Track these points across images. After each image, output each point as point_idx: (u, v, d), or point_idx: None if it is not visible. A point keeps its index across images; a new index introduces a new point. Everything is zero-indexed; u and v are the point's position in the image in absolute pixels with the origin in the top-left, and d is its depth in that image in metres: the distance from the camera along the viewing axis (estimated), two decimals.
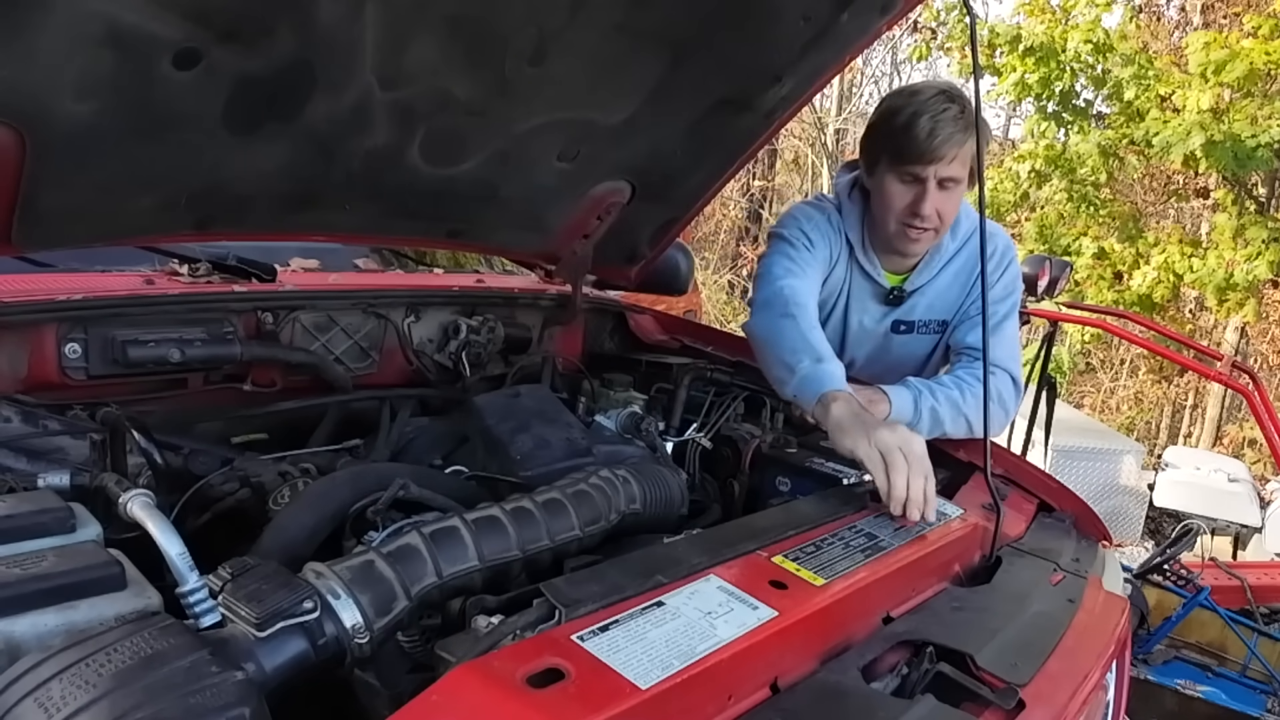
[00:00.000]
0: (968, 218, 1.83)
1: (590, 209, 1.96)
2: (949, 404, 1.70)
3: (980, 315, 1.76)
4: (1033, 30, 7.14)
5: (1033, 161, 7.46)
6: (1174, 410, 10.49)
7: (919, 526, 1.30)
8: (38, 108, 1.06)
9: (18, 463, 1.18)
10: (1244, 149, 6.35)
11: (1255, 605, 3.11)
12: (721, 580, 1.00)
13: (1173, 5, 9.31)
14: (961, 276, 1.86)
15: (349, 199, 1.58)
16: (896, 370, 1.90)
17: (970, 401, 1.71)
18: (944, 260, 1.85)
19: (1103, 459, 5.44)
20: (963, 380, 1.74)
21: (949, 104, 1.64)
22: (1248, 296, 6.96)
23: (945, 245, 1.82)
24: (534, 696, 0.74)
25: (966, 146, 1.65)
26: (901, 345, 1.94)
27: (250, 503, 1.31)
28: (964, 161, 1.68)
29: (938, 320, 1.91)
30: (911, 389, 1.71)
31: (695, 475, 1.71)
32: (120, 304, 1.46)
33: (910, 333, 1.93)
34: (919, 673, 1.04)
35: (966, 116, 1.63)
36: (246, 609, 0.81)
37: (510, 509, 1.14)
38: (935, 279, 1.87)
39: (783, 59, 1.69)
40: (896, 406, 1.67)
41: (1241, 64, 6.33)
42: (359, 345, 1.81)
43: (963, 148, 1.65)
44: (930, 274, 1.85)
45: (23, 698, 0.67)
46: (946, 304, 1.88)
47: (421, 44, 1.29)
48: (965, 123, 1.63)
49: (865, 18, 1.65)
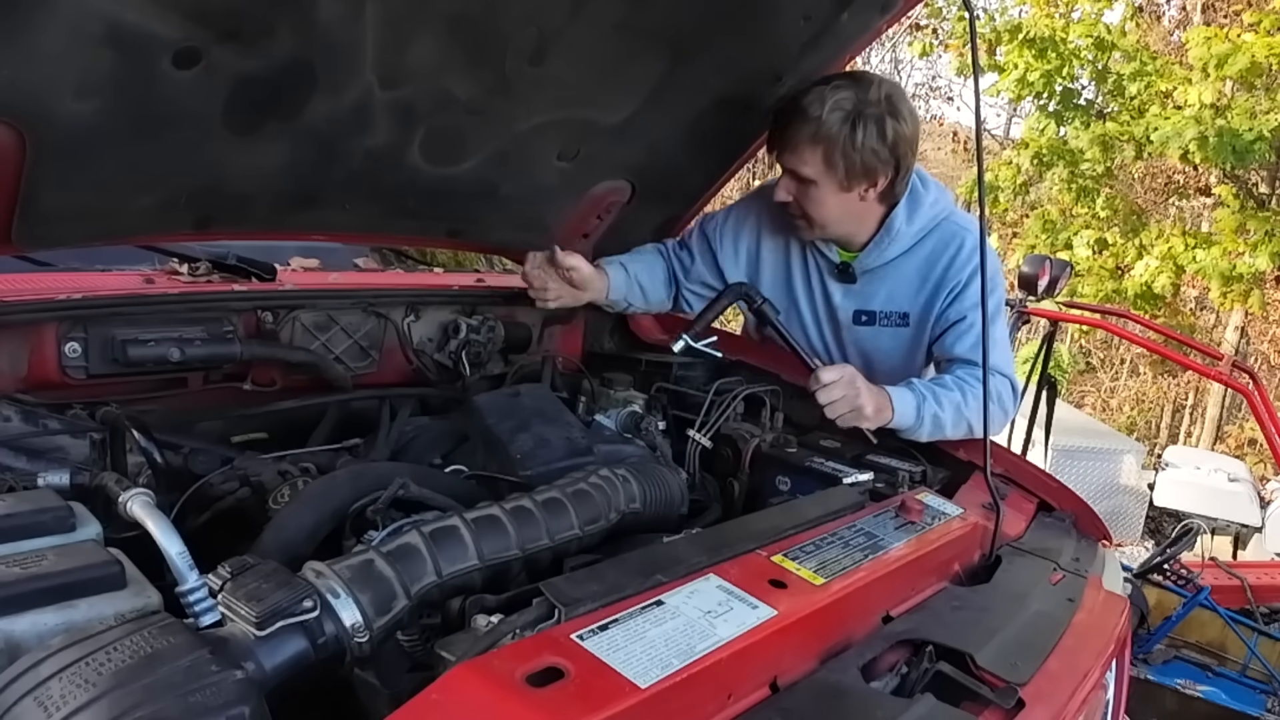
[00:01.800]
0: (931, 208, 1.80)
1: (590, 208, 1.96)
2: (952, 408, 1.69)
3: (961, 321, 1.77)
4: (1034, 22, 7.15)
5: (1035, 149, 7.45)
6: (1174, 410, 10.49)
7: (919, 526, 1.30)
8: (38, 107, 1.06)
9: (18, 462, 1.18)
10: (1242, 142, 6.35)
11: (1255, 605, 3.11)
12: (721, 579, 1.00)
13: (1173, 4, 9.31)
14: (924, 270, 1.83)
15: (349, 198, 1.58)
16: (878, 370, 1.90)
17: (972, 404, 1.70)
18: (901, 248, 1.82)
19: (1103, 459, 5.44)
20: (964, 382, 1.73)
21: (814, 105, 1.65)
22: (1251, 288, 6.97)
23: (899, 230, 1.79)
24: (534, 695, 0.74)
25: (810, 150, 1.68)
26: (870, 339, 1.93)
27: (250, 502, 1.31)
28: (808, 160, 1.69)
29: (898, 312, 1.89)
30: (915, 393, 1.69)
31: (695, 475, 1.71)
32: (120, 303, 1.46)
33: (873, 324, 1.92)
34: (918, 672, 1.04)
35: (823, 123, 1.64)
36: (246, 608, 0.81)
37: (510, 508, 1.14)
38: (892, 267, 1.84)
39: (783, 58, 1.69)
40: (899, 413, 1.66)
41: (1243, 58, 6.32)
42: (359, 344, 1.81)
43: (804, 146, 1.68)
44: (881, 257, 1.83)
45: (22, 696, 0.67)
46: (906, 295, 1.86)
47: (422, 43, 1.29)
48: (814, 130, 1.65)
49: (865, 17, 1.65)
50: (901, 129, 1.67)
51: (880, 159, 1.68)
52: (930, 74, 12.73)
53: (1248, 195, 7.40)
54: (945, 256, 1.80)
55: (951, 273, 1.80)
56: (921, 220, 1.80)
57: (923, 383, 1.74)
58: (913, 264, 1.84)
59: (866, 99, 1.64)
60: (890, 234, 1.80)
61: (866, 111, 1.64)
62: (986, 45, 7.33)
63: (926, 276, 1.83)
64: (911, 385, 1.72)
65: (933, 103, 12.69)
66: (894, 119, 1.66)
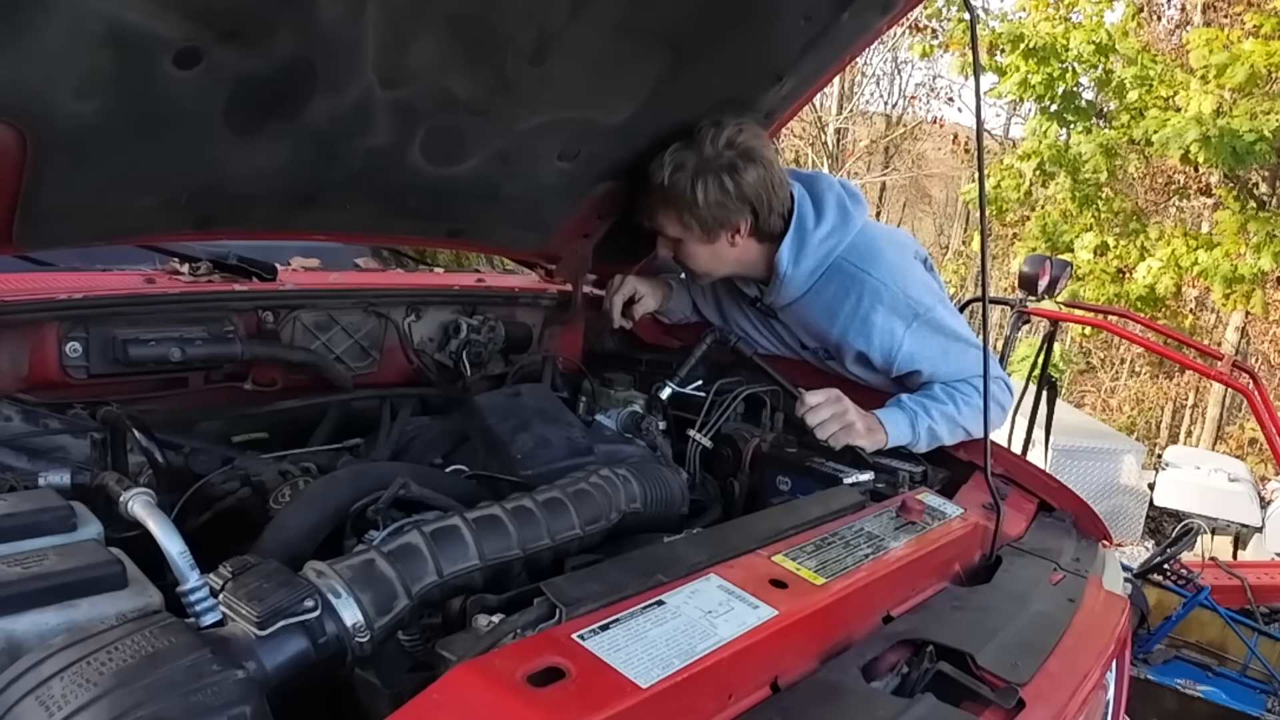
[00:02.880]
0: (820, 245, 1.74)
1: (591, 208, 1.96)
2: (945, 420, 1.69)
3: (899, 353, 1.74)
4: (1035, 29, 7.15)
5: (1038, 159, 7.46)
6: (1174, 410, 10.50)
7: (920, 526, 1.30)
8: (39, 106, 1.06)
9: (19, 461, 1.19)
10: (1242, 144, 6.35)
11: (1255, 605, 3.11)
12: (722, 579, 1.00)
13: (1173, 4, 9.31)
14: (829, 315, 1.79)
15: (350, 198, 1.58)
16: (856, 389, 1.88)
17: (965, 411, 1.69)
18: (798, 289, 1.79)
19: (1103, 459, 5.45)
20: (954, 390, 1.72)
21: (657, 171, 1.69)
22: (1253, 288, 6.97)
23: (787, 274, 1.77)
24: (534, 695, 0.74)
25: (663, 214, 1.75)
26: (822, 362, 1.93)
27: (251, 502, 1.31)
28: (661, 220, 1.77)
29: (823, 347, 1.88)
30: (906, 411, 1.69)
31: (695, 475, 1.71)
32: (121, 303, 1.46)
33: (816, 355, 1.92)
34: (919, 672, 1.05)
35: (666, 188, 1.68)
36: (247, 608, 0.81)
37: (511, 508, 1.14)
38: (800, 305, 1.82)
39: (783, 59, 1.69)
40: (893, 435, 1.67)
41: (1242, 68, 6.33)
42: (359, 344, 1.81)
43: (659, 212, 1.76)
44: (784, 298, 1.82)
45: (24, 696, 0.67)
46: (822, 333, 1.83)
47: (422, 43, 1.29)
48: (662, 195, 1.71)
49: (866, 17, 1.65)
50: (744, 178, 1.66)
51: (730, 209, 1.69)
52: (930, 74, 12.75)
53: (1248, 196, 7.41)
54: (844, 311, 1.76)
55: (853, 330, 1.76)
56: (810, 261, 1.76)
57: (912, 398, 1.72)
58: (819, 305, 1.80)
59: (704, 156, 1.65)
60: (780, 278, 1.79)
61: (705, 169, 1.65)
62: (986, 46, 7.33)
63: (834, 322, 1.79)
64: (900, 403, 1.71)
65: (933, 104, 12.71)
66: (732, 172, 1.66)
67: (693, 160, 1.66)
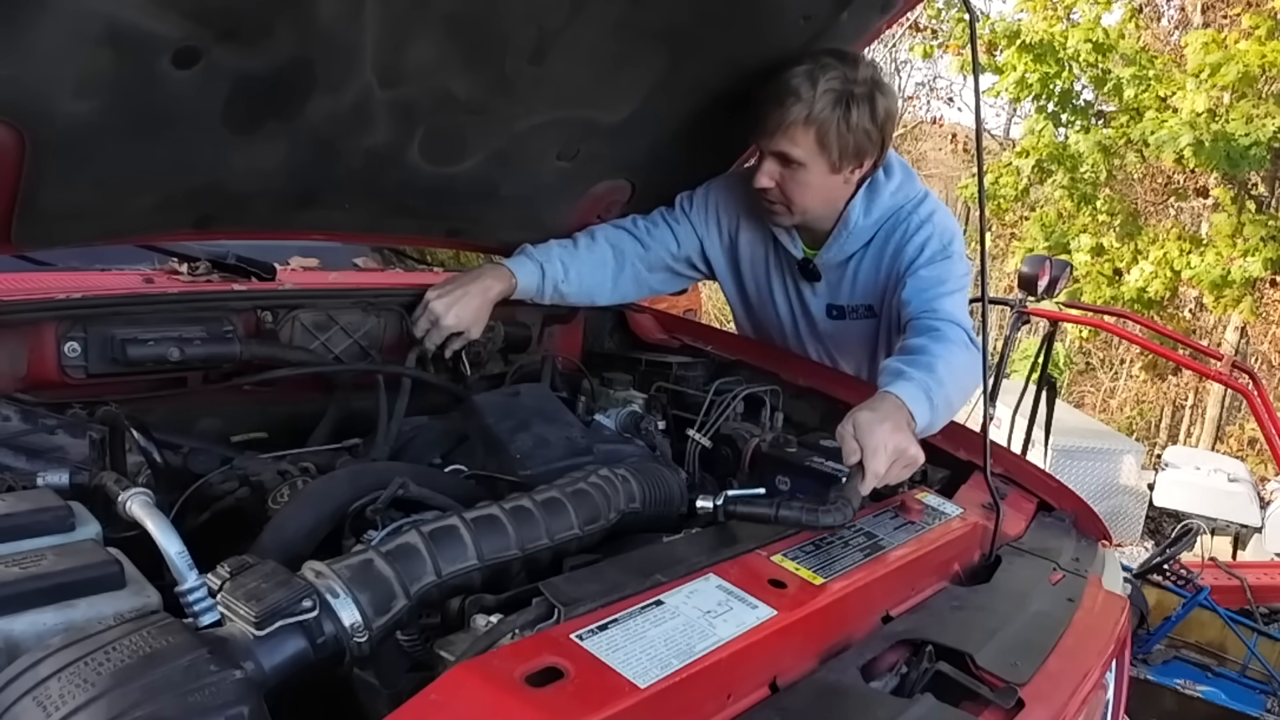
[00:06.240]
0: (891, 197, 1.77)
1: (590, 208, 1.96)
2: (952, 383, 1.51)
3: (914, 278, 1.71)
4: (1033, 27, 7.15)
5: (1036, 156, 7.45)
6: (1174, 410, 10.48)
7: (919, 526, 1.29)
8: (37, 106, 1.06)
9: (17, 461, 1.18)
10: (1237, 148, 6.34)
11: (1255, 605, 3.10)
12: (721, 579, 1.00)
13: (1173, 4, 9.31)
14: (881, 261, 1.81)
15: (349, 198, 1.58)
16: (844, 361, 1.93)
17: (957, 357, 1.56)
18: (859, 242, 1.80)
19: (1103, 459, 5.44)
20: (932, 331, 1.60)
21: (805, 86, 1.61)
22: (1244, 293, 6.96)
23: (856, 224, 1.76)
24: (533, 695, 0.74)
25: (803, 133, 1.63)
26: (840, 332, 1.94)
27: (249, 501, 1.31)
28: (800, 142, 1.65)
29: (864, 305, 1.87)
30: (919, 384, 1.45)
31: (695, 474, 1.71)
32: (120, 303, 1.46)
33: (843, 318, 1.91)
34: (918, 672, 1.04)
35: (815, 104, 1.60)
36: (245, 608, 0.81)
37: (509, 508, 1.14)
38: (856, 260, 1.83)
39: (782, 58, 1.69)
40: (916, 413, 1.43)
41: (1235, 67, 6.33)
42: (359, 344, 1.81)
43: (796, 128, 1.63)
44: (841, 253, 1.82)
45: (21, 696, 0.67)
46: (869, 288, 1.84)
47: (421, 43, 1.29)
48: (806, 111, 1.61)
49: (865, 16, 1.65)
50: (890, 105, 1.68)
51: (871, 139, 1.67)
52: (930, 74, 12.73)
53: (1246, 197, 7.40)
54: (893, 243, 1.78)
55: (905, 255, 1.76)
56: (879, 211, 1.78)
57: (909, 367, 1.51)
58: (870, 256, 1.83)
59: (855, 78, 1.63)
60: (847, 228, 1.79)
61: (856, 91, 1.62)
62: (985, 46, 7.33)
63: (884, 267, 1.81)
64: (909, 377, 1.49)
65: (933, 103, 12.70)
66: (883, 96, 1.65)
67: (841, 80, 1.61)
